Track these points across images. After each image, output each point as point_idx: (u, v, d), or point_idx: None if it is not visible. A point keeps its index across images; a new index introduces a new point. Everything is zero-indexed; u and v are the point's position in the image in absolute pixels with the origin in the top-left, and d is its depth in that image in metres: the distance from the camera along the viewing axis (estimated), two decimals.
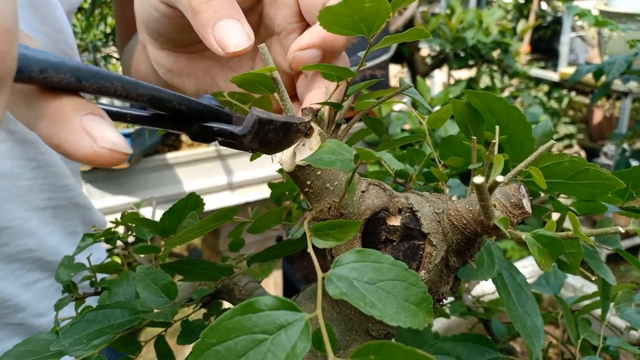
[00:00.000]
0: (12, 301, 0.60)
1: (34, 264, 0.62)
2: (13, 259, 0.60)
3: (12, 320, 0.61)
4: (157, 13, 0.40)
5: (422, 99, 0.38)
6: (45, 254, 0.63)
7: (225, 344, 0.22)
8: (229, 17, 0.35)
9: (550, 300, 1.00)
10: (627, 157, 1.66)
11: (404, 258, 0.33)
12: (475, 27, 2.35)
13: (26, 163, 0.59)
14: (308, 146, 0.33)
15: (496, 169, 0.30)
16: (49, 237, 0.63)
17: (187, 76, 0.45)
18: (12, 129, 0.57)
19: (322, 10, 0.30)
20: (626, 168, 0.38)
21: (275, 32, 0.42)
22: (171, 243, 0.35)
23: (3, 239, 0.58)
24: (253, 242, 1.57)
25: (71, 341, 0.35)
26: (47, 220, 0.63)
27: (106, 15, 1.36)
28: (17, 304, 0.61)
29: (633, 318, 0.51)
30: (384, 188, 0.34)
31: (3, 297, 0.59)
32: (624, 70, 1.23)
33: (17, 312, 0.61)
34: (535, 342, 0.37)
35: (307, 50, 0.36)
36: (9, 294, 0.60)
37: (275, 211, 0.33)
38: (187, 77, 0.45)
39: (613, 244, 0.46)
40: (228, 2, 0.36)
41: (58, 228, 0.65)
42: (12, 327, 0.61)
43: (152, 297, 0.39)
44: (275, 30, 0.42)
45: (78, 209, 0.68)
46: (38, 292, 0.63)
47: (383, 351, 0.20)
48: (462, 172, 0.45)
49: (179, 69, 0.45)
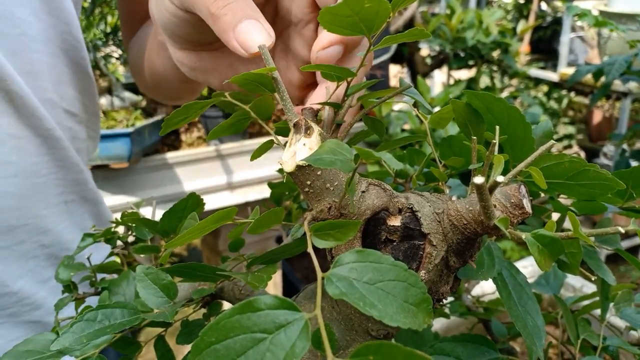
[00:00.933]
0: (29, 299, 0.60)
1: (47, 261, 0.62)
2: (30, 256, 0.60)
3: (29, 318, 0.61)
4: (176, 19, 0.40)
5: (422, 99, 0.38)
6: (59, 249, 0.63)
7: (225, 343, 0.22)
8: (248, 17, 0.36)
9: (550, 300, 1.00)
10: (627, 157, 1.65)
11: (404, 258, 0.33)
12: (475, 28, 2.35)
13: (43, 159, 0.60)
14: (308, 146, 0.33)
15: (496, 169, 0.30)
16: (64, 233, 0.64)
17: (211, 72, 0.46)
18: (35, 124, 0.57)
19: (322, 10, 0.30)
20: (626, 168, 0.38)
21: (292, 22, 0.42)
22: (171, 244, 0.35)
23: (21, 236, 0.59)
24: (253, 242, 1.57)
25: (71, 341, 0.35)
26: (62, 215, 0.64)
27: (106, 14, 1.36)
28: (35, 301, 0.61)
29: (633, 318, 0.51)
30: (384, 188, 0.34)
31: (21, 295, 0.59)
32: (623, 71, 1.23)
33: (34, 310, 0.61)
34: (536, 341, 0.37)
35: (329, 48, 0.37)
36: (27, 292, 0.60)
37: (275, 211, 0.33)
38: (212, 74, 0.46)
39: (613, 244, 0.46)
40: (244, 3, 0.36)
41: (71, 224, 0.65)
42: (29, 325, 0.61)
43: (152, 297, 0.39)
44: (292, 21, 0.42)
45: (87, 203, 0.68)
46: (52, 289, 0.63)
47: (382, 351, 0.20)
48: (462, 172, 0.46)
49: (203, 67, 0.45)
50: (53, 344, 0.35)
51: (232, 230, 0.49)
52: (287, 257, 0.38)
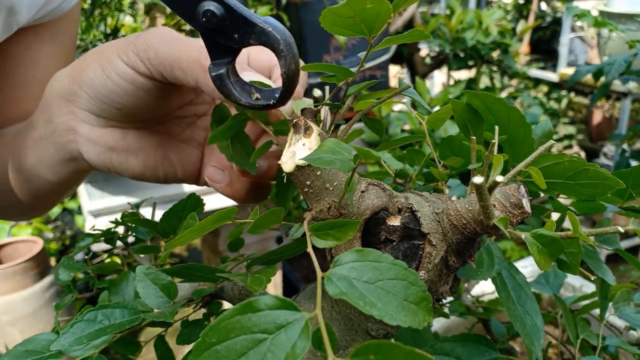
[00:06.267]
0: None
1: None
2: None
3: None
4: (132, 86, 0.39)
5: (421, 100, 0.38)
6: None
7: (225, 344, 0.22)
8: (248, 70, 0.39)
9: (550, 299, 1.00)
10: (627, 157, 1.66)
11: (403, 258, 0.33)
12: (474, 28, 2.35)
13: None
14: (308, 146, 0.33)
15: (496, 169, 0.30)
16: None
17: (134, 153, 0.43)
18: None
19: (324, 12, 0.30)
20: (626, 168, 0.38)
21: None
22: (171, 244, 0.35)
23: None
24: (253, 242, 1.57)
25: (71, 341, 0.35)
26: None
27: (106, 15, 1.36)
28: None
29: (632, 318, 0.51)
30: (384, 188, 0.34)
31: None
32: (623, 71, 1.23)
33: None
34: (535, 341, 0.37)
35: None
36: None
37: (275, 211, 0.33)
38: (135, 154, 0.43)
39: (612, 244, 0.46)
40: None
41: None
42: None
43: (152, 297, 0.39)
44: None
45: None
46: None
47: (382, 351, 0.20)
48: (462, 172, 0.46)
49: (125, 146, 0.43)
50: (53, 344, 0.35)
51: (232, 230, 0.49)
52: (288, 257, 0.38)
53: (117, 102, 0.40)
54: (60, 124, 0.43)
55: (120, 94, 0.39)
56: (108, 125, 0.42)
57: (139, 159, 0.43)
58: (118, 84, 0.38)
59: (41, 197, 0.52)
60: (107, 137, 0.42)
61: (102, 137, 0.42)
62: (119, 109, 0.40)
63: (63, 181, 0.48)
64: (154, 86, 0.39)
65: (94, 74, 0.39)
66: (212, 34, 0.32)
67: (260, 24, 0.31)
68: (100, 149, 0.43)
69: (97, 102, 0.40)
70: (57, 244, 2.21)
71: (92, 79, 0.39)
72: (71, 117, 0.42)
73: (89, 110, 0.41)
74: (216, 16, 0.31)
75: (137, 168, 0.43)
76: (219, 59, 0.33)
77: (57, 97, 0.42)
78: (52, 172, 0.46)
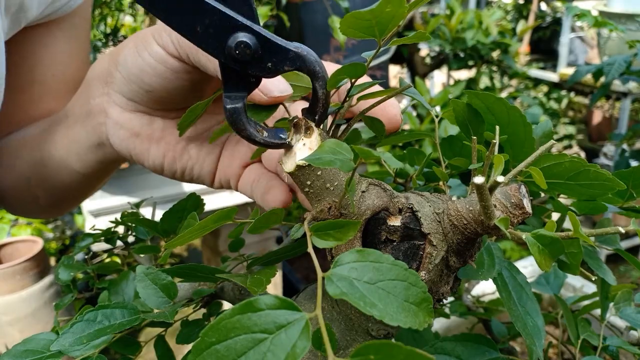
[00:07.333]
0: None
1: None
2: None
3: None
4: (162, 67, 0.39)
5: (422, 99, 0.38)
6: None
7: (225, 343, 0.22)
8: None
9: (550, 300, 1.00)
10: (627, 157, 1.66)
11: (404, 258, 0.33)
12: (474, 28, 2.36)
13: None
14: (308, 146, 0.33)
15: (496, 169, 0.30)
16: None
17: (156, 141, 0.44)
18: None
19: (345, 15, 0.30)
20: (626, 168, 0.38)
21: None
22: (171, 244, 0.35)
23: None
24: (253, 242, 1.57)
25: (71, 341, 0.35)
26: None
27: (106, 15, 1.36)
28: None
29: (633, 318, 0.51)
30: (384, 188, 0.34)
31: None
32: (623, 71, 1.23)
33: None
34: (536, 341, 0.37)
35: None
36: None
37: (275, 211, 0.33)
38: (157, 143, 0.44)
39: (613, 244, 0.46)
40: None
41: None
42: None
43: (152, 297, 0.39)
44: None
45: None
46: None
47: (383, 351, 0.20)
48: (463, 172, 0.46)
49: (149, 133, 0.44)
50: (53, 344, 0.35)
51: (232, 230, 0.49)
52: (288, 258, 0.38)
53: (147, 84, 0.40)
54: (95, 106, 0.44)
55: (150, 73, 0.40)
56: (137, 110, 0.43)
57: (160, 148, 0.44)
58: (149, 63, 0.39)
59: (67, 192, 0.54)
60: (135, 121, 0.43)
61: (129, 121, 0.43)
62: (148, 91, 0.41)
63: (89, 172, 0.49)
64: (183, 69, 0.39)
65: (128, 52, 0.40)
66: (243, 65, 0.31)
67: (294, 49, 0.31)
68: (126, 134, 0.44)
69: (128, 84, 0.41)
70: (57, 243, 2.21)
71: (125, 58, 0.40)
72: (106, 99, 0.44)
73: (121, 93, 0.42)
74: (250, 47, 0.30)
75: (157, 158, 0.44)
76: (233, 91, 0.33)
77: (96, 79, 0.44)
78: (81, 162, 0.48)
